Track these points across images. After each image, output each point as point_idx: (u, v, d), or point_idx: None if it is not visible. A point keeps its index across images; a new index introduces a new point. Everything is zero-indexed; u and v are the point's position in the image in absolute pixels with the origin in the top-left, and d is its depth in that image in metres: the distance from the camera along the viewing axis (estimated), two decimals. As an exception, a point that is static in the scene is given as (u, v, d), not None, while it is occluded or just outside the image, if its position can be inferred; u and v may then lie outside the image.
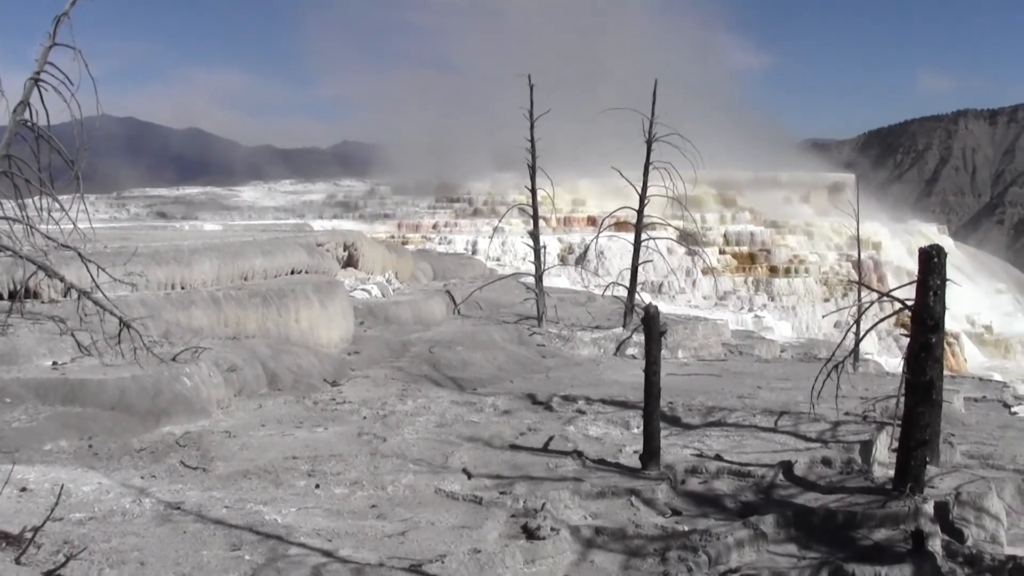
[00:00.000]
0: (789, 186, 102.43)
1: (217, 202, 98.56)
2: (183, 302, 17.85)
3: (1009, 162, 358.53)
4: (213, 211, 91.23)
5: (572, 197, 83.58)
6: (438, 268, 34.57)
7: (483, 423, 14.54)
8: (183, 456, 11.79)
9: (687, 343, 26.22)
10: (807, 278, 78.28)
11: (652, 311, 12.02)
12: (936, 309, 10.96)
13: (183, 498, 10.12)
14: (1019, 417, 20.06)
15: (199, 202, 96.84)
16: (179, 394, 13.61)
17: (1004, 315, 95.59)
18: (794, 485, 11.85)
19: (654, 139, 24.94)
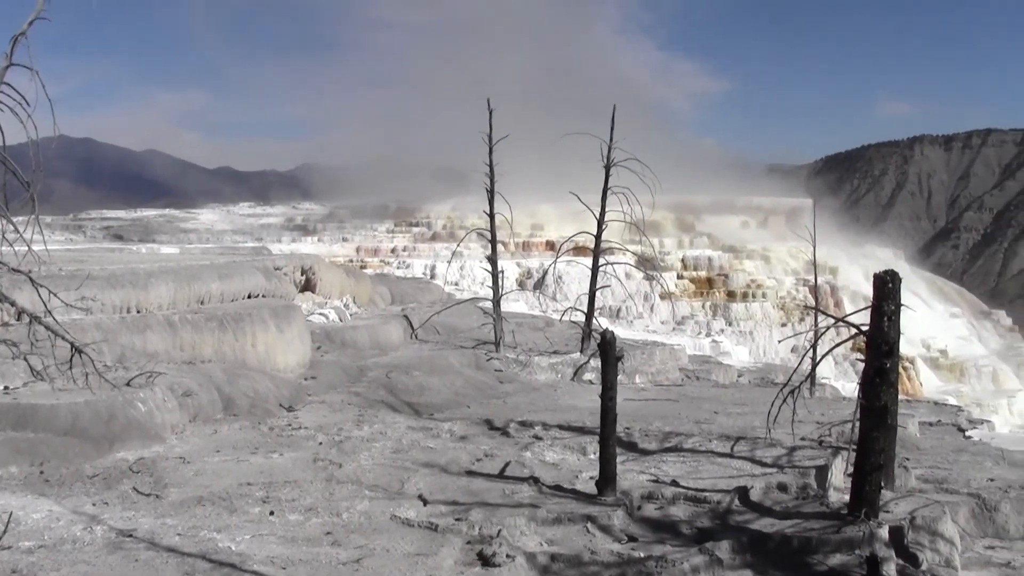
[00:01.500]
0: (747, 211, 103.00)
1: (174, 225, 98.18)
2: (138, 326, 17.73)
3: (964, 187, 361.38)
4: (170, 234, 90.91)
5: (531, 222, 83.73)
6: (396, 292, 34.50)
7: (440, 449, 14.49)
8: (136, 482, 11.69)
9: (644, 368, 26.26)
10: (764, 303, 78.62)
11: (608, 337, 12.03)
12: (890, 334, 11.01)
13: (135, 525, 10.03)
14: (973, 441, 20.17)
15: (156, 225, 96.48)
16: (133, 419, 13.50)
17: (959, 339, 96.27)
18: (750, 510, 11.86)
19: (613, 164, 24.98)
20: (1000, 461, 15.99)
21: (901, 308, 11.30)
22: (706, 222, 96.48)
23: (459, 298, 37.16)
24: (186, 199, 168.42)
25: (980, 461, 15.91)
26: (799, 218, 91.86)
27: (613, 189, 25.13)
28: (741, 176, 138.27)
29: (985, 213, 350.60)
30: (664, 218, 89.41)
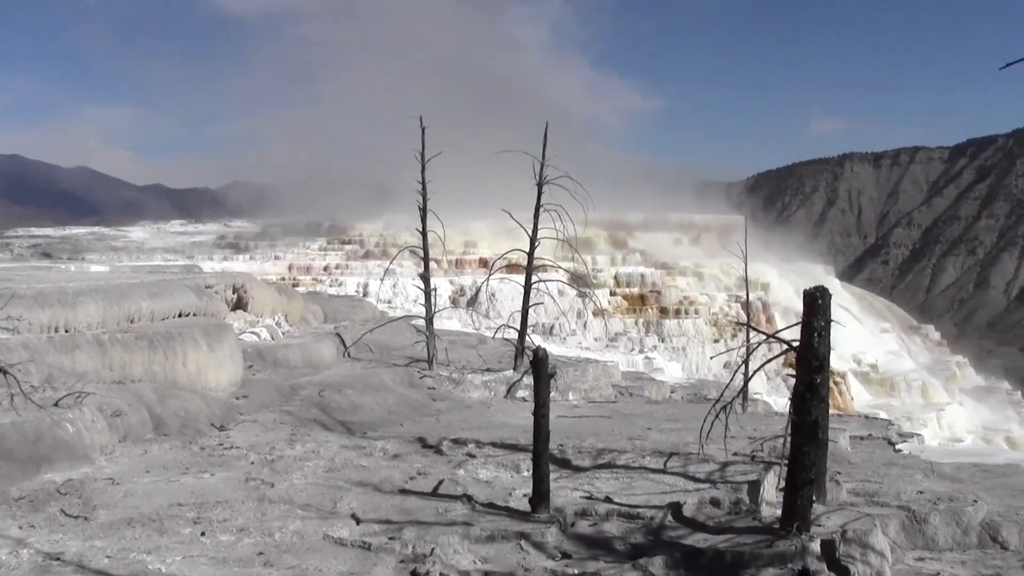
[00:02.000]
0: (679, 228, 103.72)
1: (104, 242, 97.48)
2: (67, 345, 17.52)
3: (893, 204, 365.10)
4: (100, 252, 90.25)
5: (464, 239, 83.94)
6: (329, 310, 34.31)
7: (373, 467, 14.42)
8: (64, 504, 11.54)
9: (578, 385, 26.28)
10: (697, 319, 79.15)
11: (541, 354, 12.04)
12: (820, 350, 11.08)
13: (63, 548, 9.90)
14: (903, 454, 20.38)
15: (86, 242, 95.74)
16: (61, 440, 13.32)
17: (889, 354, 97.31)
18: (683, 526, 11.89)
19: (545, 181, 25.02)
20: (929, 474, 16.13)
21: (831, 324, 11.39)
22: (639, 239, 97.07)
23: (392, 316, 37.11)
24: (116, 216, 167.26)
25: (910, 474, 16.04)
26: (731, 235, 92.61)
27: (546, 206, 25.16)
28: (674, 193, 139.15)
29: (914, 229, 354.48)
30: (597, 235, 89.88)
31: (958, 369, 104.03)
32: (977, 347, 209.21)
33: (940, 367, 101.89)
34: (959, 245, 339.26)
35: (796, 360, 11.23)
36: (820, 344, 11.09)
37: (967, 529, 12.94)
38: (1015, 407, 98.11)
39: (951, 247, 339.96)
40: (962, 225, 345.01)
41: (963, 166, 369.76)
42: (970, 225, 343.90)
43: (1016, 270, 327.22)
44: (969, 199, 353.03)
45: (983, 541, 12.93)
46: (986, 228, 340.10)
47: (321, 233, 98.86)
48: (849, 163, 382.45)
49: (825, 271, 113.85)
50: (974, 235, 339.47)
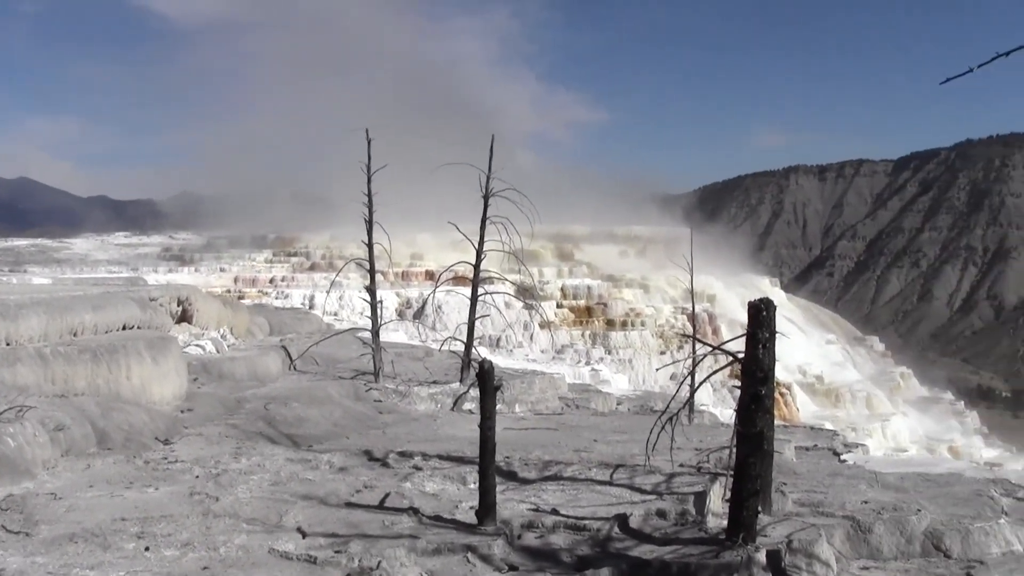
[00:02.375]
0: (626, 240, 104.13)
1: (47, 255, 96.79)
2: (8, 359, 17.35)
3: (838, 216, 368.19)
4: (43, 264, 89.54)
5: (411, 251, 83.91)
6: (274, 323, 34.14)
7: (319, 481, 14.36)
8: (4, 520, 11.41)
9: (524, 397, 26.27)
10: (643, 331, 79.37)
11: (487, 366, 12.04)
12: (765, 361, 11.14)
13: (3, 565, 9.77)
14: (848, 465, 20.48)
15: (28, 254, 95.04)
16: (1, 455, 13.19)
17: (834, 365, 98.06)
18: (630, 537, 11.90)
19: (491, 194, 25.03)
20: (874, 484, 16.21)
21: (776, 335, 11.45)
22: (585, 251, 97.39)
23: (338, 328, 36.96)
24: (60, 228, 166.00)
25: (855, 484, 16.12)
26: (677, 247, 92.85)
27: (492, 219, 25.16)
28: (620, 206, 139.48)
29: (858, 242, 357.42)
30: (544, 248, 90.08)
31: (902, 380, 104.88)
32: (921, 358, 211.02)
33: (884, 378, 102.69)
34: (903, 257, 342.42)
35: (741, 372, 11.29)
36: (765, 356, 11.15)
37: (911, 538, 13.02)
38: (958, 417, 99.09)
39: (895, 259, 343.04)
40: (906, 237, 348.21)
41: (907, 179, 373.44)
42: (914, 237, 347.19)
43: (959, 282, 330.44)
44: (913, 212, 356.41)
45: (926, 550, 13.01)
46: (929, 240, 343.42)
47: (267, 245, 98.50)
48: (794, 176, 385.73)
49: (771, 283, 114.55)
50: (918, 247, 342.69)
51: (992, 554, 13.08)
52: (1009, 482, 17.67)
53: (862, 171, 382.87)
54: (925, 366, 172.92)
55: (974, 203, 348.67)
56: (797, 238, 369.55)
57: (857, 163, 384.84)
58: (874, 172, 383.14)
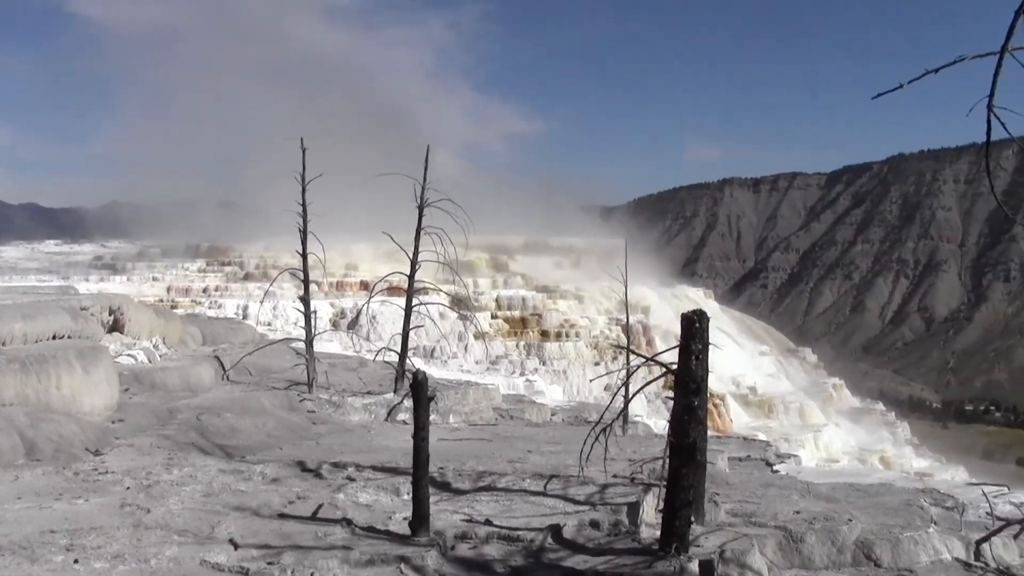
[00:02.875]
0: (560, 251, 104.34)
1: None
2: (-64, 369, 17.16)
3: (771, 229, 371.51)
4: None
5: (345, 261, 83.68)
6: (208, 333, 33.90)
7: (251, 492, 14.28)
8: (-68, 531, 11.29)
9: (458, 408, 26.23)
10: (578, 342, 79.52)
11: (420, 377, 12.02)
12: (698, 372, 11.20)
13: (-71, 577, 9.69)
14: (781, 475, 20.64)
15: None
16: (-71, 466, 13.04)
17: (767, 376, 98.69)
18: (563, 548, 11.92)
19: (426, 204, 25.01)
20: (806, 494, 16.35)
21: (709, 347, 11.52)
22: (520, 262, 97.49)
23: (272, 338, 36.76)
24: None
25: (787, 494, 16.24)
26: (612, 258, 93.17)
27: (427, 229, 25.15)
28: (555, 217, 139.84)
29: (792, 254, 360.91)
30: (479, 258, 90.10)
31: (834, 391, 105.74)
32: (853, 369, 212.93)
33: (817, 389, 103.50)
34: (836, 269, 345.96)
35: (674, 383, 11.34)
36: (698, 367, 11.21)
37: (842, 548, 13.14)
38: (889, 428, 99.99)
39: (828, 271, 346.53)
40: (838, 250, 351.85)
41: (840, 192, 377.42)
42: (846, 250, 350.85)
43: (891, 294, 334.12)
44: (845, 225, 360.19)
45: (857, 559, 13.13)
46: (862, 253, 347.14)
47: (200, 254, 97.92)
48: (729, 188, 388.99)
49: (705, 294, 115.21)
50: (850, 260, 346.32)
51: (921, 563, 13.23)
52: (938, 492, 17.91)
53: (796, 184, 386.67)
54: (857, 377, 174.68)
55: (906, 216, 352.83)
56: (731, 250, 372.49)
57: (791, 176, 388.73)
58: (807, 185, 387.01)
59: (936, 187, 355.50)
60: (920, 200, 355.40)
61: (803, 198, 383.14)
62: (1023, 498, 19.00)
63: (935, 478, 55.19)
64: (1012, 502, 18.47)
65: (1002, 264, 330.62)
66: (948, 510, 16.17)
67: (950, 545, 13.70)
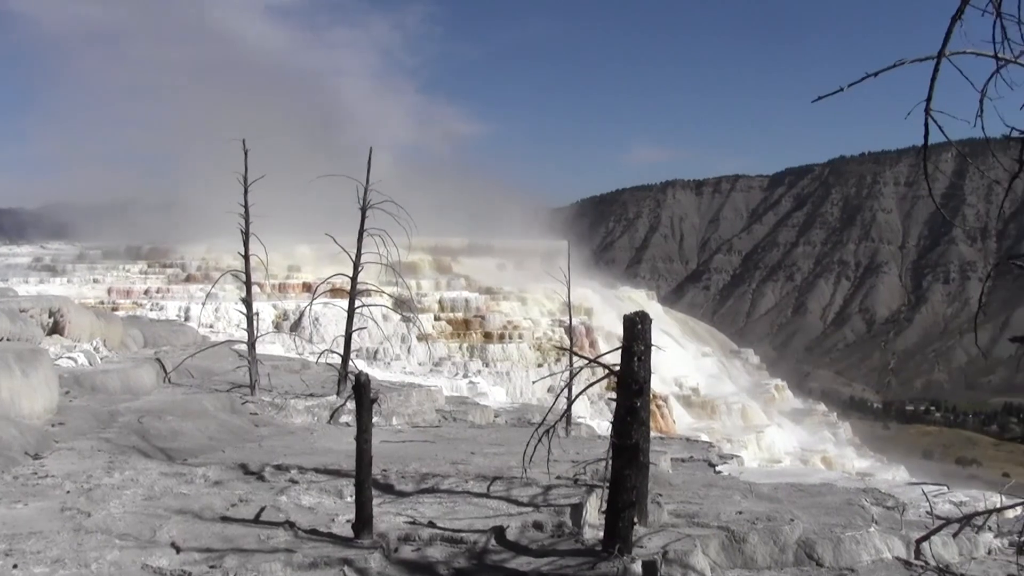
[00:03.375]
0: (504, 253, 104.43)
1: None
2: None
3: (714, 231, 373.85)
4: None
5: (288, 263, 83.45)
6: (149, 335, 33.68)
7: (193, 495, 14.19)
8: None
9: (401, 410, 26.22)
10: (521, 344, 79.61)
11: (363, 379, 12.00)
12: (640, 374, 11.24)
13: None
14: (723, 475, 20.77)
15: None
16: None
17: (710, 377, 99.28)
18: (507, 550, 11.92)
19: (369, 206, 24.97)
20: (748, 494, 16.44)
21: (652, 348, 11.57)
22: (463, 264, 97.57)
23: (214, 341, 36.57)
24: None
25: (729, 495, 16.32)
26: (555, 260, 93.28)
27: (369, 231, 25.11)
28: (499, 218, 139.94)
29: (734, 256, 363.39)
30: (422, 260, 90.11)
31: (776, 392, 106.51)
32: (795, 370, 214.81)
33: (759, 390, 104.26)
34: (778, 271, 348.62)
35: (617, 384, 11.38)
36: (640, 368, 11.25)
37: (784, 547, 13.23)
38: (831, 428, 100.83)
39: (770, 273, 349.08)
40: (781, 252, 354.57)
41: (781, 194, 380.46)
42: (788, 252, 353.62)
43: (832, 295, 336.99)
44: (787, 226, 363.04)
45: (799, 559, 13.23)
46: (803, 255, 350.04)
47: (142, 256, 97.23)
48: (672, 190, 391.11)
49: (648, 296, 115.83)
50: (792, 261, 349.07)
51: (863, 562, 13.34)
52: (879, 491, 18.07)
53: (738, 186, 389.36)
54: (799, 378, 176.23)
55: (847, 218, 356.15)
56: (674, 252, 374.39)
57: (733, 178, 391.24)
58: (750, 187, 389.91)
59: (877, 190, 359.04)
60: (861, 202, 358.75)
61: (745, 200, 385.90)
62: (962, 497, 19.28)
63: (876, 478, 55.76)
64: (952, 501, 18.73)
65: (942, 266, 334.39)
66: (889, 509, 16.33)
67: (891, 544, 13.83)
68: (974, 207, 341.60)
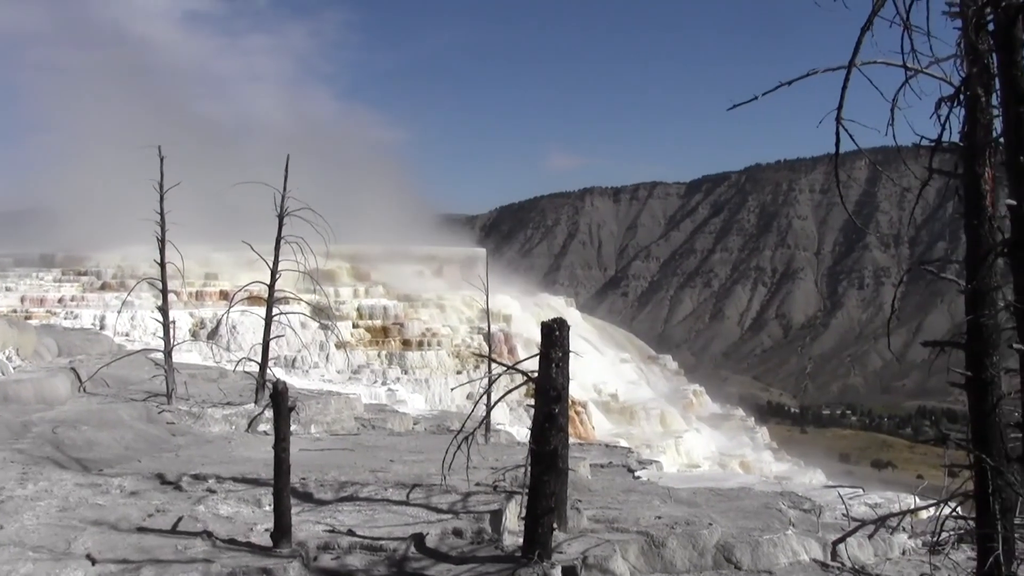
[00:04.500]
0: (422, 260, 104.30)
1: None
2: None
3: (632, 237, 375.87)
4: None
5: (205, 271, 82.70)
6: (64, 344, 33.29)
7: (109, 505, 14.04)
8: None
9: (320, 418, 26.11)
10: (440, 351, 79.45)
11: (280, 387, 11.95)
12: (558, 380, 11.28)
13: None
14: (642, 481, 20.83)
15: None
16: None
17: (629, 383, 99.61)
18: (426, 557, 11.92)
19: (286, 213, 24.86)
20: (667, 499, 16.55)
21: (570, 355, 11.60)
22: (381, 271, 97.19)
23: (130, 349, 36.20)
24: None
25: (648, 500, 16.41)
26: (473, 267, 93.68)
27: (287, 238, 25.00)
28: (417, 226, 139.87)
29: (652, 262, 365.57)
30: (339, 267, 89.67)
31: (695, 397, 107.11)
32: (713, 376, 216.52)
33: (678, 395, 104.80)
34: (695, 277, 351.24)
35: (535, 391, 11.40)
36: (558, 374, 11.29)
37: (703, 551, 13.32)
38: (749, 433, 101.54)
39: (688, 279, 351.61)
40: (698, 258, 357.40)
41: (699, 201, 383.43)
42: (706, 258, 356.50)
43: (749, 301, 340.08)
44: (705, 233, 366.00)
45: (718, 562, 13.33)
46: (720, 261, 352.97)
47: (55, 264, 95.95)
48: (590, 197, 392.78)
49: (566, 303, 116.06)
50: (709, 268, 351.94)
51: (780, 564, 13.48)
52: (796, 495, 18.25)
53: (656, 193, 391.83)
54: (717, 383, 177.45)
55: (763, 225, 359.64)
56: (592, 259, 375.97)
57: (651, 185, 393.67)
58: (667, 194, 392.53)
59: (792, 196, 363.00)
60: (777, 209, 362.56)
61: (663, 207, 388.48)
62: (877, 499, 19.47)
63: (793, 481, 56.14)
64: (867, 503, 18.92)
65: (856, 272, 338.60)
66: (806, 512, 16.48)
67: (808, 546, 13.98)
68: (887, 213, 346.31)
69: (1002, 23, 8.79)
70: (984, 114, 9.29)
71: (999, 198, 9.14)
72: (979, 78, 9.12)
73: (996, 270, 9.31)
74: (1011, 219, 8.95)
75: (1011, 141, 8.86)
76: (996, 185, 9.27)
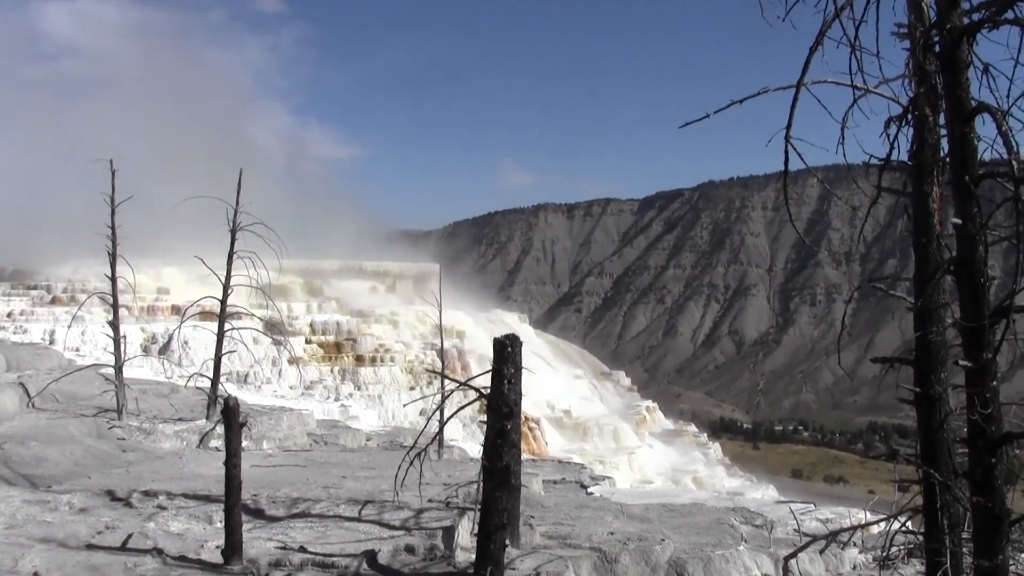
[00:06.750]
0: (375, 276, 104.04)
1: None
2: None
3: (585, 254, 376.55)
4: None
5: (156, 285, 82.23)
6: (12, 359, 32.99)
7: (58, 523, 13.91)
8: None
9: (272, 434, 26.00)
10: (393, 367, 79.25)
11: (232, 403, 11.88)
12: (511, 396, 11.26)
13: None
14: (595, 497, 20.87)
15: None
16: None
17: (582, 400, 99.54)
18: (379, 573, 11.89)
19: (239, 228, 24.76)
20: (620, 515, 16.56)
21: (523, 371, 11.59)
22: (335, 286, 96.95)
23: (80, 364, 35.93)
24: None
25: (601, 516, 16.42)
26: (427, 283, 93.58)
27: (240, 253, 24.90)
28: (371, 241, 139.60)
29: (605, 279, 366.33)
30: (292, 283, 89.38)
31: (648, 413, 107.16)
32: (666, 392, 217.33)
33: (631, 412, 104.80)
34: (648, 294, 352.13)
35: (487, 407, 11.38)
36: (511, 391, 11.27)
37: (655, 567, 13.33)
38: (701, 449, 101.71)
39: (641, 296, 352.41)
40: (651, 274, 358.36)
41: (652, 218, 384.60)
42: (659, 275, 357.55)
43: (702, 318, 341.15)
44: (658, 250, 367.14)
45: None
46: (674, 278, 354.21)
47: (4, 278, 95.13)
48: (544, 213, 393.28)
49: (520, 319, 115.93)
50: (663, 284, 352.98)
51: (732, 581, 13.49)
52: (748, 510, 18.33)
53: (609, 210, 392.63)
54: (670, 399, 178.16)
55: (716, 242, 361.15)
56: (546, 275, 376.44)
57: (604, 202, 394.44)
58: (621, 211, 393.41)
59: (745, 213, 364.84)
60: (730, 226, 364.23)
61: (616, 224, 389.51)
62: (829, 514, 19.57)
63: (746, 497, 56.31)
64: (819, 518, 19.01)
65: (808, 289, 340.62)
66: (758, 528, 16.55)
67: (759, 562, 14.03)
68: (839, 231, 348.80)
69: (948, 45, 8.89)
70: (931, 133, 9.39)
71: (947, 216, 9.22)
72: (926, 98, 9.22)
73: (944, 287, 9.40)
74: (956, 238, 9.03)
75: (957, 160, 8.96)
76: (944, 203, 9.36)
